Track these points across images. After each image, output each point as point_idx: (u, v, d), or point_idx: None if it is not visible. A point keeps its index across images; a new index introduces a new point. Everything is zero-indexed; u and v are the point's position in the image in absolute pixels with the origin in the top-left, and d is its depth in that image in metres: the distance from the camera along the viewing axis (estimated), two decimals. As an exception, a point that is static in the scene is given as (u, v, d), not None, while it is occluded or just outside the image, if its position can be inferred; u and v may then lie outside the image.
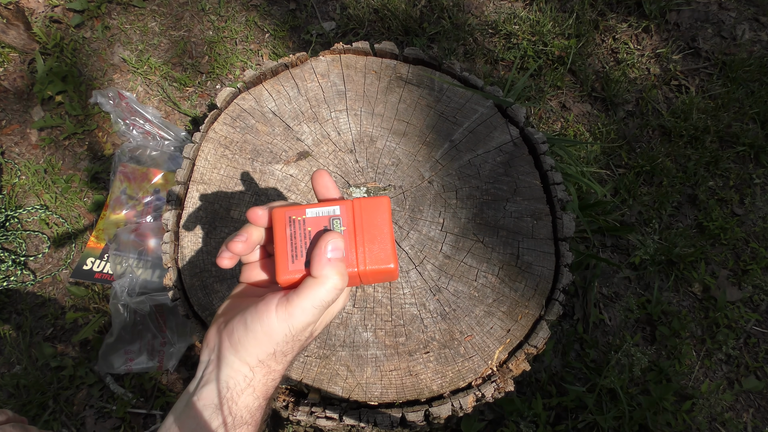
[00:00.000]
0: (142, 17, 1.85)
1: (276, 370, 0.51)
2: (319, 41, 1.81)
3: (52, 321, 1.43)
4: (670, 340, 1.40)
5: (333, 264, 0.49)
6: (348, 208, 0.51)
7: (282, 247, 0.52)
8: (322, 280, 0.49)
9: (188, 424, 0.49)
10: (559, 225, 0.92)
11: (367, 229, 0.51)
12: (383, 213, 0.51)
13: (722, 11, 1.89)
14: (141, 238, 1.39)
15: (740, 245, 1.54)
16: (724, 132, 1.67)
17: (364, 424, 0.79)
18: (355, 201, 0.51)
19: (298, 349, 0.52)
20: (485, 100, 1.03)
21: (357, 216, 0.51)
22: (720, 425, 1.33)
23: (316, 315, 0.50)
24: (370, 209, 0.51)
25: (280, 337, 0.49)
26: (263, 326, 0.49)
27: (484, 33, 1.83)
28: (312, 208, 0.52)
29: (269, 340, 0.49)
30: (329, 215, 0.52)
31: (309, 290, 0.49)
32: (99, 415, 1.32)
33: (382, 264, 0.51)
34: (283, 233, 0.52)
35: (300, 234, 0.52)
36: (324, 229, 0.51)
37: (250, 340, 0.49)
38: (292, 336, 0.50)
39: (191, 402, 0.50)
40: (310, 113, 1.01)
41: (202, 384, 0.50)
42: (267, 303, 0.50)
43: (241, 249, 0.52)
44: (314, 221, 0.52)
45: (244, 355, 0.50)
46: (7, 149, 1.64)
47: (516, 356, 0.83)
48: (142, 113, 1.57)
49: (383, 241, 0.51)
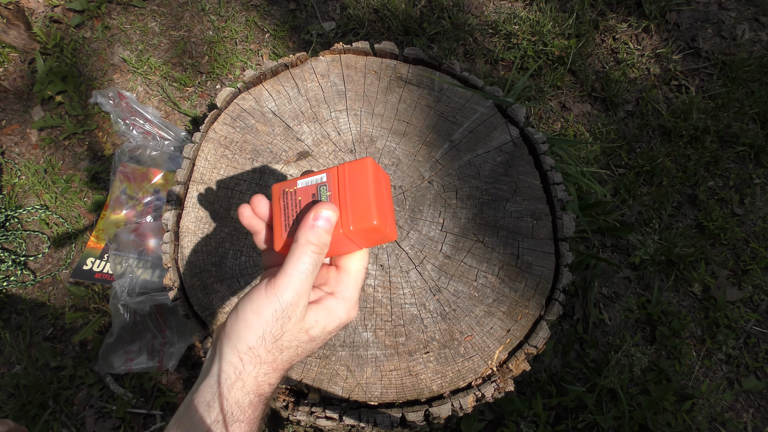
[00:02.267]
0: (142, 17, 1.85)
1: (267, 362, 0.50)
2: (319, 41, 1.81)
3: (52, 321, 1.43)
4: (670, 340, 1.40)
5: (312, 228, 0.50)
6: (333, 174, 0.52)
7: (278, 218, 0.54)
8: (302, 243, 0.49)
9: (184, 423, 0.49)
10: (559, 225, 0.92)
11: (351, 191, 0.52)
12: (365, 173, 0.51)
13: (722, 11, 1.89)
14: (141, 238, 1.39)
15: (740, 245, 1.54)
16: (724, 132, 1.67)
17: (364, 424, 0.79)
18: (339, 166, 0.52)
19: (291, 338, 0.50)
20: (485, 100, 1.03)
21: (341, 180, 0.52)
22: (720, 425, 1.33)
23: (304, 283, 0.49)
24: (354, 172, 0.52)
25: (269, 314, 0.48)
26: (252, 305, 0.49)
27: (484, 33, 1.83)
28: (303, 179, 0.53)
29: (258, 319, 0.49)
30: (317, 183, 0.53)
31: (291, 256, 0.49)
32: (99, 415, 1.32)
33: (365, 222, 0.51)
34: (278, 205, 0.54)
35: (291, 204, 0.54)
36: (312, 197, 0.53)
37: (241, 323, 0.49)
38: (281, 311, 0.49)
39: (189, 401, 0.50)
40: (310, 113, 1.01)
41: (200, 381, 0.51)
42: (257, 286, 0.50)
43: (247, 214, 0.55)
44: (304, 191, 0.53)
45: (235, 341, 0.49)
46: (7, 149, 1.64)
47: (516, 356, 0.83)
48: (142, 113, 1.57)
49: (365, 200, 0.51)
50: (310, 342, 0.52)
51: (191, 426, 0.48)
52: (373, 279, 0.87)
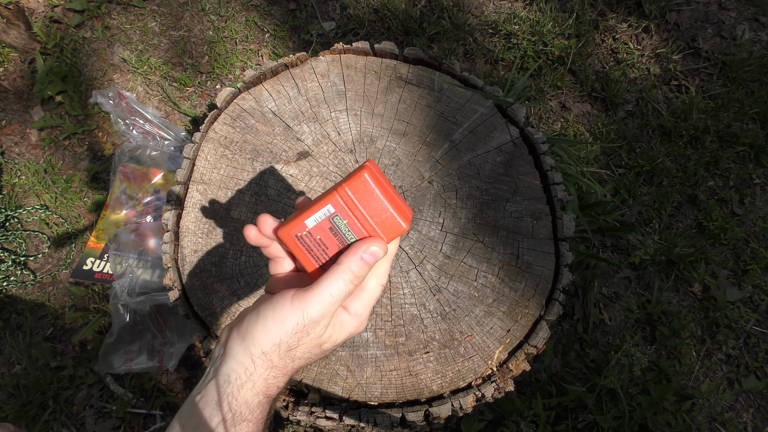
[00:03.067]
0: (142, 17, 1.85)
1: (278, 367, 0.51)
2: (319, 41, 1.81)
3: (52, 321, 1.43)
4: (670, 340, 1.40)
5: (358, 260, 0.51)
6: (337, 201, 0.52)
7: (306, 261, 0.55)
8: (343, 269, 0.50)
9: (190, 423, 0.49)
10: (559, 225, 0.92)
11: (366, 209, 0.52)
12: (369, 187, 0.52)
13: (722, 11, 1.89)
14: (141, 238, 1.39)
15: (740, 245, 1.54)
16: (724, 132, 1.67)
17: (364, 424, 0.79)
18: (338, 190, 0.52)
19: (304, 350, 0.52)
20: (485, 100, 1.03)
21: (349, 204, 0.52)
22: (720, 425, 1.33)
23: (332, 306, 0.50)
24: (358, 190, 0.52)
25: (290, 326, 0.49)
26: (275, 312, 0.50)
27: (484, 33, 1.83)
28: (309, 218, 0.53)
29: (278, 327, 0.50)
30: (327, 216, 0.52)
31: (329, 278, 0.50)
32: (99, 415, 1.32)
33: (396, 231, 0.53)
34: (300, 250, 0.54)
35: (313, 244, 0.54)
36: (331, 232, 0.53)
37: (259, 327, 0.50)
38: (303, 326, 0.50)
39: (194, 401, 0.50)
40: (310, 113, 1.01)
41: (206, 380, 0.51)
42: (283, 294, 0.51)
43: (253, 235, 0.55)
44: (319, 230, 0.53)
45: (249, 343, 0.50)
46: (7, 149, 1.64)
47: (516, 356, 0.83)
48: (142, 113, 1.57)
49: (386, 211, 0.52)
50: (321, 354, 0.54)
51: (198, 425, 0.49)
52: (373, 279, 0.87)
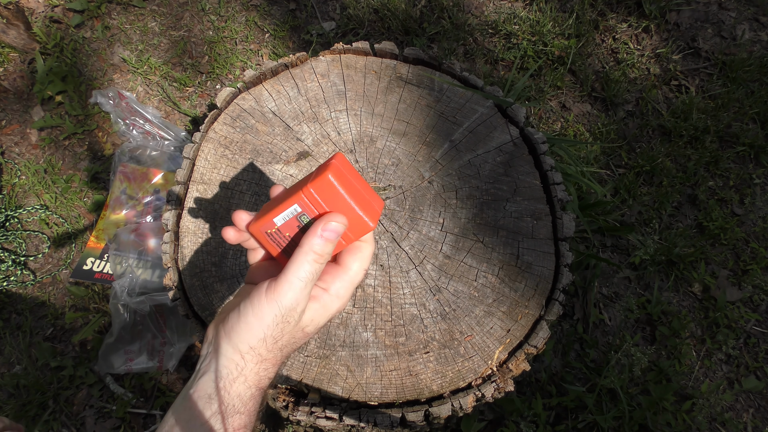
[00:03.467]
0: (142, 17, 1.85)
1: (267, 359, 0.52)
2: (319, 41, 1.81)
3: (52, 321, 1.43)
4: (670, 340, 1.40)
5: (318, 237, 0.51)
6: (303, 201, 0.53)
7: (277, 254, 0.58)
8: (305, 251, 0.51)
9: (184, 416, 0.50)
10: (559, 225, 0.92)
11: (331, 208, 0.53)
12: (333, 187, 0.52)
13: (722, 11, 1.89)
14: (141, 238, 1.39)
15: (740, 245, 1.54)
16: (724, 132, 1.67)
17: (364, 424, 0.79)
18: (304, 190, 0.53)
19: (289, 338, 0.53)
20: (485, 100, 1.03)
21: (315, 204, 0.53)
22: (720, 425, 1.33)
23: (303, 290, 0.51)
24: (323, 190, 0.53)
25: (269, 319, 0.50)
26: (254, 309, 0.51)
27: (484, 33, 1.83)
28: (277, 216, 0.55)
29: (259, 323, 0.50)
30: (295, 215, 0.54)
31: (294, 263, 0.51)
32: (99, 415, 1.32)
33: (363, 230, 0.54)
34: (271, 245, 0.57)
35: (282, 239, 0.56)
36: (298, 226, 0.55)
37: (242, 325, 0.51)
38: (281, 316, 0.50)
39: (187, 395, 0.51)
40: (310, 113, 1.01)
41: (198, 376, 0.52)
42: (258, 288, 0.52)
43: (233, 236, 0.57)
44: (287, 226, 0.55)
45: (236, 341, 0.51)
46: (7, 149, 1.64)
47: (516, 356, 0.83)
48: (142, 113, 1.57)
49: (351, 211, 0.53)
50: (305, 337, 0.55)
51: (191, 418, 0.50)
52: (373, 279, 0.87)
